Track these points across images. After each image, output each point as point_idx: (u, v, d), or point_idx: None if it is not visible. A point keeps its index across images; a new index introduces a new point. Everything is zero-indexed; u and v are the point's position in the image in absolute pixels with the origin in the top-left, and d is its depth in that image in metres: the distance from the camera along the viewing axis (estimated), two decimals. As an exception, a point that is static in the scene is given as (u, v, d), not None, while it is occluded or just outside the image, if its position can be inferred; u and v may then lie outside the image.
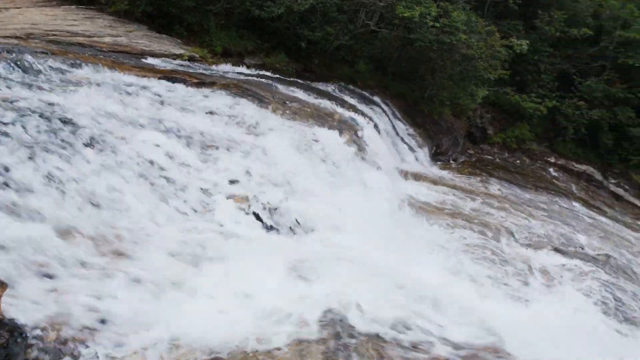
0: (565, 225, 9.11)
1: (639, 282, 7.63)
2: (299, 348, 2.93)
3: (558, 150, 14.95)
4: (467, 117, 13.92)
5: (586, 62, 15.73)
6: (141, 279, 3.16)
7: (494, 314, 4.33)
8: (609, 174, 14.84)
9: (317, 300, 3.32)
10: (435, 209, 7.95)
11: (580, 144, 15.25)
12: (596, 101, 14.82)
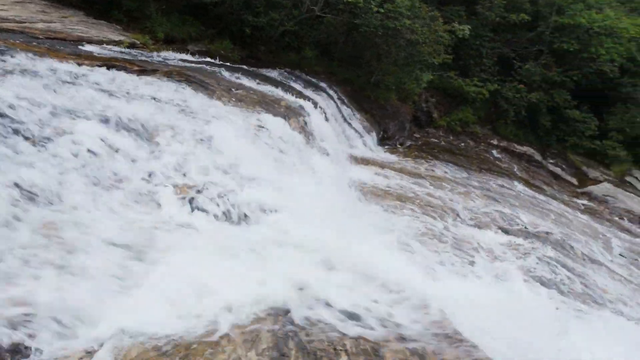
0: (508, 205, 9.43)
1: (576, 257, 8.00)
2: (248, 336, 2.91)
3: (500, 133, 15.44)
4: (413, 101, 14.14)
5: (525, 46, 16.25)
6: (82, 273, 3.06)
7: (441, 292, 4.44)
8: (547, 154, 15.46)
9: (266, 287, 3.31)
10: (383, 193, 8.06)
11: (521, 126, 15.79)
12: (535, 84, 15.35)
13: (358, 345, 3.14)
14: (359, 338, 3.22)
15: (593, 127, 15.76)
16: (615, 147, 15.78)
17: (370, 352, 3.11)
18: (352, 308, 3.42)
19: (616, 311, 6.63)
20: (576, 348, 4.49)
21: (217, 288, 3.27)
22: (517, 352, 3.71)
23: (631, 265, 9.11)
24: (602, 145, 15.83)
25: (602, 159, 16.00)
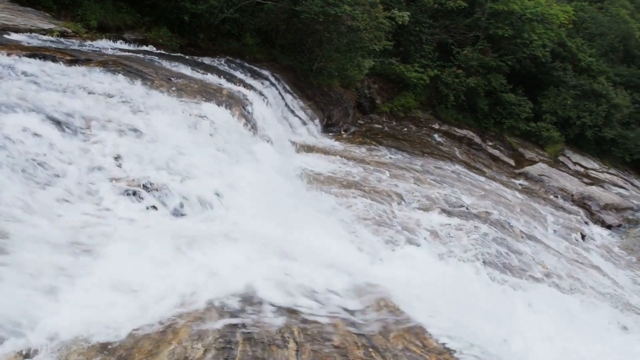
0: (450, 187, 9.69)
1: (515, 235, 8.34)
2: (194, 328, 2.88)
3: (441, 117, 15.82)
4: (356, 88, 14.25)
5: (462, 32, 16.66)
6: (14, 275, 2.92)
7: (386, 274, 4.53)
8: (486, 137, 15.98)
9: (209, 278, 3.27)
10: (328, 179, 8.11)
11: (461, 110, 16.23)
12: (472, 69, 15.79)
13: (306, 331, 3.16)
14: (306, 324, 3.25)
15: (528, 109, 16.39)
16: (549, 129, 16.49)
17: (318, 337, 3.14)
18: (298, 295, 3.44)
19: (552, 284, 6.98)
20: (515, 319, 4.69)
21: (158, 282, 3.21)
22: (461, 327, 3.83)
23: (565, 241, 9.59)
24: (537, 127, 16.50)
25: (537, 140, 16.70)
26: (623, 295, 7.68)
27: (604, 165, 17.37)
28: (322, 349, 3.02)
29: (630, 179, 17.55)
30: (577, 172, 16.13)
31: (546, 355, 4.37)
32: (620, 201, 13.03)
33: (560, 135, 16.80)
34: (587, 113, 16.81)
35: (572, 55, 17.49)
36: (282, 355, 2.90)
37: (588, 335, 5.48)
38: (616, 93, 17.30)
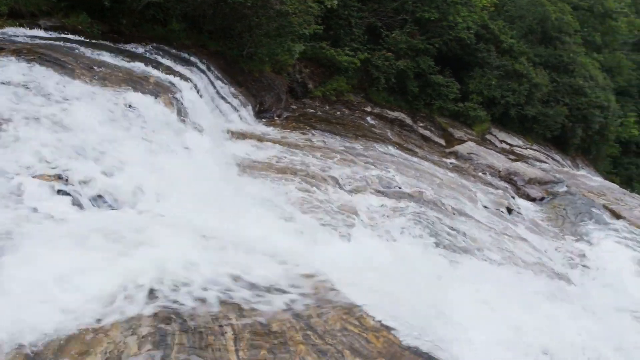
0: (384, 169, 9.85)
1: (447, 212, 8.60)
2: (126, 324, 2.79)
3: (373, 100, 16.01)
4: (287, 73, 14.16)
5: (390, 16, 16.86)
6: None
7: (323, 257, 4.56)
8: (417, 118, 16.35)
9: (142, 272, 3.17)
10: (263, 166, 8.05)
11: (392, 92, 16.50)
12: (401, 52, 16.05)
13: (244, 319, 3.14)
14: (244, 312, 3.22)
15: (455, 90, 16.90)
16: (476, 108, 17.09)
17: (257, 324, 3.12)
18: (235, 283, 3.40)
19: (483, 257, 7.27)
20: (450, 292, 4.85)
21: (86, 277, 3.08)
22: (398, 304, 3.92)
23: (494, 215, 10.00)
24: (465, 107, 17.05)
25: (465, 120, 17.26)
26: (548, 264, 8.11)
27: (528, 142, 18.22)
28: (260, 335, 3.01)
29: (551, 154, 18.53)
30: (503, 149, 16.85)
31: (480, 325, 4.55)
32: (542, 175, 13.73)
33: (487, 115, 17.44)
34: (510, 92, 17.52)
35: (494, 37, 18.13)
36: (220, 344, 2.87)
37: (518, 304, 5.75)
38: (536, 73, 18.12)
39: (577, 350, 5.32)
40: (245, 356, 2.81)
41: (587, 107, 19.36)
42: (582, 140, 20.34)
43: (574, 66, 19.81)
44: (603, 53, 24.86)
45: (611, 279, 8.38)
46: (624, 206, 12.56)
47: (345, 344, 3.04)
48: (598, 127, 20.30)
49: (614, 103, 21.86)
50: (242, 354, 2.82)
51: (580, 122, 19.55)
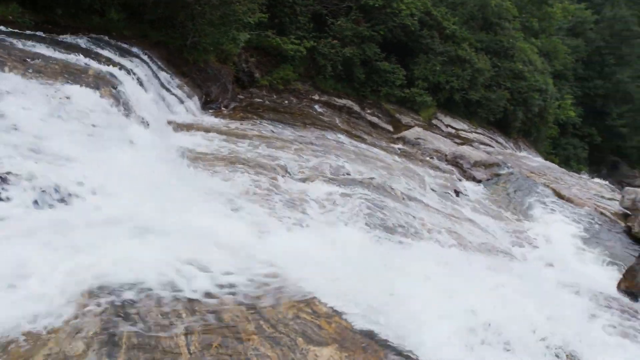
0: (333, 156, 9.89)
1: (397, 197, 8.73)
2: (72, 324, 2.69)
3: (321, 88, 16.02)
4: (233, 62, 13.95)
5: (335, 3, 16.86)
6: None
7: (275, 247, 4.54)
8: (365, 105, 16.47)
9: (87, 271, 3.07)
10: (211, 158, 7.92)
11: (339, 80, 16.55)
12: (347, 39, 16.10)
13: (195, 313, 3.09)
14: (195, 305, 3.17)
15: (401, 76, 17.12)
16: (422, 94, 17.38)
17: (208, 317, 3.08)
18: (182, 277, 3.34)
19: (432, 239, 7.42)
20: (399, 276, 4.92)
21: (28, 277, 2.95)
22: (350, 289, 3.95)
23: (442, 198, 10.23)
24: (411, 93, 17.31)
25: (411, 106, 17.53)
26: (494, 243, 8.37)
27: (472, 126, 18.71)
28: (212, 328, 2.97)
29: (495, 137, 19.11)
30: (449, 133, 17.23)
31: (430, 305, 4.65)
32: (487, 158, 14.13)
33: (432, 100, 17.78)
34: (455, 78, 17.91)
35: (437, 24, 18.44)
36: (170, 340, 2.82)
37: (467, 283, 5.91)
38: (478, 58, 18.58)
39: (523, 324, 5.53)
40: (197, 350, 2.77)
41: (527, 90, 20.04)
42: (523, 123, 21.07)
43: (513, 51, 20.43)
44: (540, 38, 25.75)
45: (553, 255, 8.74)
46: (564, 185, 13.11)
47: (298, 332, 3.04)
48: (537, 109, 21.07)
49: (552, 86, 22.74)
50: (194, 348, 2.78)
51: (521, 106, 20.23)
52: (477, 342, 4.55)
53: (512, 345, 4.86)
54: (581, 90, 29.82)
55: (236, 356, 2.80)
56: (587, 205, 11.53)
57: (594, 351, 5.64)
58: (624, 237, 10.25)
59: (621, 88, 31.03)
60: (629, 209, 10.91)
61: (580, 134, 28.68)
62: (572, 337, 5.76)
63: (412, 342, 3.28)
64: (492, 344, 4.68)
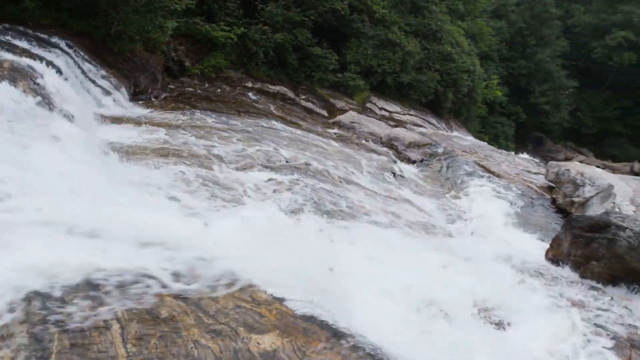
0: (269, 144, 9.82)
1: (334, 181, 8.80)
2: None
3: (253, 75, 15.83)
4: (162, 51, 13.52)
5: (264, -12, 16.66)
6: None
7: (213, 238, 4.47)
8: (299, 91, 16.45)
9: (7, 276, 2.90)
10: (143, 150, 7.68)
11: (272, 66, 16.41)
12: (278, 25, 15.97)
13: (131, 311, 2.99)
14: (131, 303, 3.07)
15: (334, 61, 17.19)
16: (355, 78, 17.53)
17: (145, 314, 3.00)
18: (117, 274, 3.22)
19: (371, 221, 7.54)
20: (339, 259, 4.98)
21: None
22: (290, 275, 3.95)
23: (379, 181, 10.40)
24: (344, 77, 17.43)
25: (345, 90, 17.67)
26: (431, 221, 8.61)
27: (405, 108, 19.09)
28: (149, 324, 2.89)
29: (427, 118, 19.60)
30: (383, 116, 17.51)
31: (371, 285, 4.74)
32: (420, 139, 14.47)
33: (365, 84, 17.98)
34: (386, 61, 18.17)
35: (367, 8, 18.58)
36: (105, 339, 2.72)
37: (406, 262, 6.06)
38: (408, 41, 18.92)
39: (461, 299, 5.74)
40: (135, 348, 2.69)
41: (456, 72, 20.64)
42: (453, 103, 21.72)
43: (441, 34, 20.95)
44: (466, 21, 26.52)
45: (486, 229, 9.09)
46: (493, 161, 13.65)
47: (239, 321, 3.01)
48: (466, 90, 21.77)
49: (479, 67, 23.54)
50: (131, 347, 2.69)
51: (451, 87, 20.83)
52: (417, 317, 4.69)
53: (451, 317, 5.04)
54: (506, 70, 31.05)
55: (176, 351, 2.74)
56: (515, 180, 12.07)
57: (526, 316, 5.95)
58: (550, 209, 10.82)
59: (542, 67, 32.57)
60: (553, 182, 11.51)
61: (507, 112, 29.90)
62: (505, 305, 6.05)
63: (353, 322, 3.33)
64: (432, 318, 4.83)
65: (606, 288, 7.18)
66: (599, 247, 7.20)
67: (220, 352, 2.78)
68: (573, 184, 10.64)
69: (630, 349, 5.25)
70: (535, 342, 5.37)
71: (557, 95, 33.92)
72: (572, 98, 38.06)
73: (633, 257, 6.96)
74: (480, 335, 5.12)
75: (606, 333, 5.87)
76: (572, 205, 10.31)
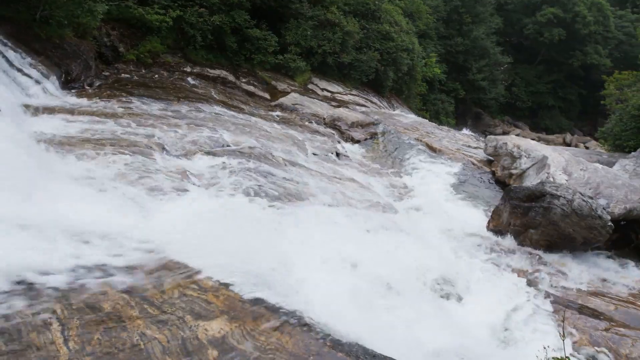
0: (211, 129, 9.64)
1: (279, 164, 8.76)
2: None
3: (192, 59, 15.42)
4: (94, 37, 12.92)
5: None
6: None
7: (157, 227, 4.37)
8: (239, 74, 16.17)
9: None
10: (78, 141, 7.37)
11: (211, 50, 16.02)
12: (215, 7, 15.56)
13: (71, 308, 2.89)
14: (71, 300, 2.96)
15: (274, 43, 16.97)
16: (295, 59, 17.39)
17: (87, 309, 2.90)
18: (57, 271, 3.10)
19: (317, 202, 7.58)
20: (285, 240, 4.98)
21: None
22: (237, 260, 3.91)
23: (323, 161, 10.43)
24: (285, 59, 17.26)
25: (286, 72, 17.51)
26: (376, 199, 8.73)
27: (347, 88, 19.15)
28: (92, 320, 2.80)
29: (370, 97, 19.75)
30: (326, 97, 17.51)
31: (318, 265, 4.77)
32: (363, 118, 14.59)
33: (306, 65, 17.87)
34: (326, 41, 18.11)
35: (305, -12, 18.41)
36: (45, 339, 2.62)
37: (352, 240, 6.14)
38: (347, 21, 18.89)
39: (408, 273, 5.88)
40: (77, 345, 2.60)
41: (396, 50, 20.83)
42: (394, 82, 21.96)
43: (380, 13, 21.04)
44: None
45: (430, 204, 9.32)
46: (435, 138, 13.95)
47: (185, 310, 2.97)
48: (407, 68, 22.04)
49: (418, 45, 23.85)
50: (73, 344, 2.60)
51: (391, 65, 21.02)
52: (366, 294, 4.77)
53: (400, 292, 5.15)
54: (444, 48, 31.62)
55: (121, 344, 2.68)
56: (456, 155, 12.39)
57: (472, 286, 6.18)
58: (490, 181, 11.19)
59: (478, 44, 33.38)
60: (492, 156, 11.90)
61: (446, 89, 30.53)
62: (451, 277, 6.25)
63: (302, 303, 3.34)
64: (381, 294, 4.93)
65: (544, 254, 7.56)
66: (535, 216, 7.55)
67: (168, 342, 2.73)
68: (510, 156, 11.04)
69: (564, 309, 5.55)
70: (480, 310, 5.60)
71: (493, 71, 34.92)
72: (507, 73, 39.30)
73: (567, 223, 7.33)
74: (429, 308, 5.28)
75: (544, 296, 6.19)
76: (511, 177, 10.71)
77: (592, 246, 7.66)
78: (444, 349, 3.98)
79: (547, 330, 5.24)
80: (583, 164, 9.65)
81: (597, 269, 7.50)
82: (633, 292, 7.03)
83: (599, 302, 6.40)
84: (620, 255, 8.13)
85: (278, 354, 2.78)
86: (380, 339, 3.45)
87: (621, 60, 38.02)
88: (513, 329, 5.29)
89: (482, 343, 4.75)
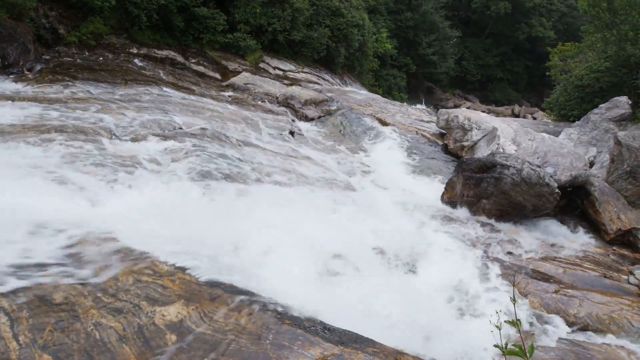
0: (161, 112, 9.41)
1: (233, 145, 8.65)
2: None
3: (138, 40, 14.94)
4: (31, 18, 12.31)
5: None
6: None
7: (107, 214, 4.26)
8: (188, 54, 15.79)
9: None
10: (20, 129, 7.05)
11: (157, 30, 15.56)
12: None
13: (19, 301, 2.80)
14: (18, 293, 2.87)
15: (222, 22, 16.62)
16: (245, 38, 17.11)
17: (37, 302, 2.82)
18: (4, 261, 2.99)
19: (272, 181, 7.55)
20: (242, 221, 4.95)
21: None
22: (191, 244, 3.87)
23: (278, 140, 10.37)
24: (234, 38, 16.95)
25: (237, 51, 17.22)
26: (332, 176, 8.77)
27: (299, 66, 19.01)
28: (43, 313, 2.72)
29: (322, 75, 19.68)
30: (278, 75, 17.34)
31: (275, 244, 4.77)
32: (316, 96, 14.54)
33: (257, 43, 17.62)
34: (276, 19, 17.87)
35: (252, -36, 18.04)
36: (-7, 335, 2.52)
37: (309, 218, 6.16)
38: (296, -2, 18.70)
39: (366, 248, 5.97)
40: (28, 339, 2.52)
41: (346, 27, 20.78)
42: (346, 58, 21.94)
43: (329, -12, 20.90)
44: (352, -26, 26.62)
45: (385, 179, 9.45)
46: (388, 113, 14.07)
47: (141, 296, 2.92)
48: (358, 44, 22.04)
49: (368, 21, 23.84)
50: (24, 338, 2.52)
51: (342, 42, 20.98)
52: (325, 271, 4.81)
53: (358, 267, 5.22)
54: (394, 23, 31.74)
55: (75, 335, 2.62)
56: (410, 129, 12.55)
57: (428, 257, 6.32)
58: (443, 154, 11.42)
59: (427, 19, 33.69)
60: (444, 129, 12.12)
61: (397, 64, 30.75)
62: (408, 249, 6.38)
63: (259, 283, 3.34)
64: (339, 270, 4.98)
65: (496, 223, 7.81)
66: (487, 186, 7.76)
67: (124, 330, 2.69)
68: (462, 129, 11.27)
69: (515, 273, 5.76)
70: (436, 280, 5.75)
71: (442, 45, 35.38)
72: (456, 47, 39.91)
73: (517, 192, 7.58)
74: (385, 281, 5.38)
75: (497, 263, 6.41)
76: (463, 150, 10.95)
77: (541, 213, 7.95)
78: (400, 320, 4.07)
79: (501, 296, 5.43)
80: (531, 134, 9.94)
81: (546, 235, 7.81)
82: (579, 255, 7.37)
83: (549, 266, 6.68)
84: (567, 220, 8.49)
85: (237, 334, 2.78)
86: (338, 313, 3.49)
87: (564, 32, 39.27)
88: (468, 297, 5.46)
89: (438, 312, 4.89)
